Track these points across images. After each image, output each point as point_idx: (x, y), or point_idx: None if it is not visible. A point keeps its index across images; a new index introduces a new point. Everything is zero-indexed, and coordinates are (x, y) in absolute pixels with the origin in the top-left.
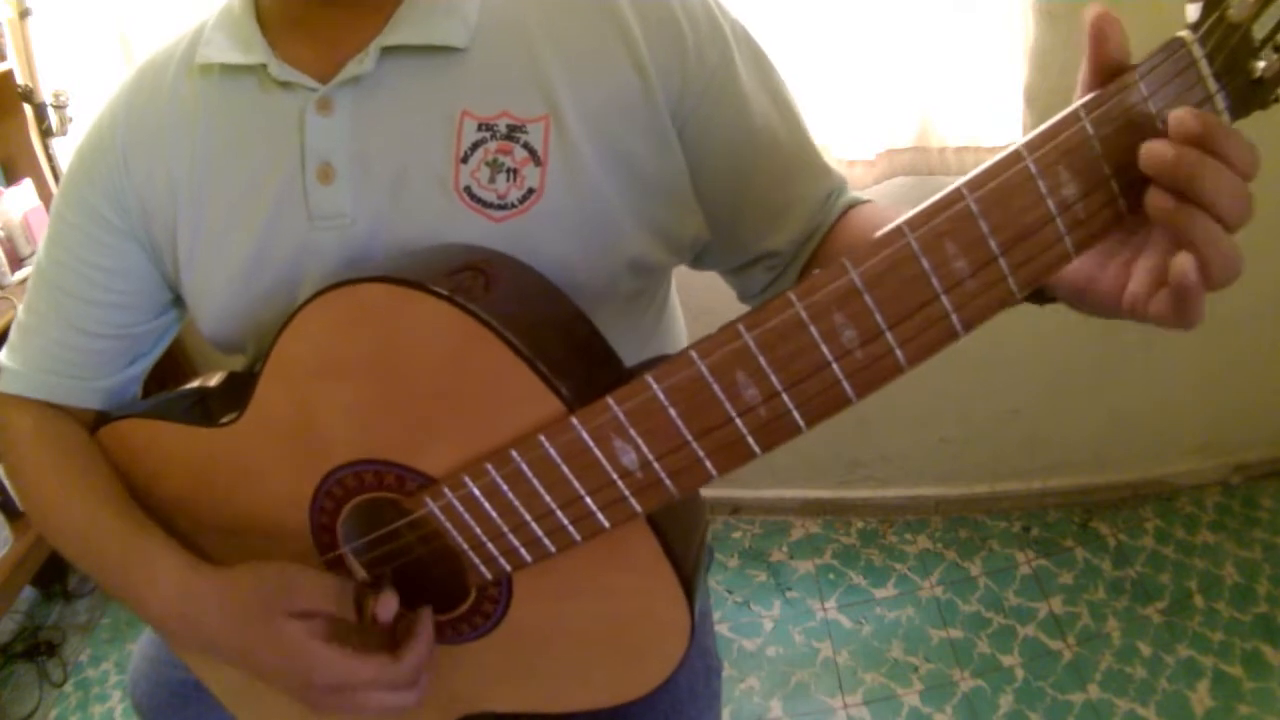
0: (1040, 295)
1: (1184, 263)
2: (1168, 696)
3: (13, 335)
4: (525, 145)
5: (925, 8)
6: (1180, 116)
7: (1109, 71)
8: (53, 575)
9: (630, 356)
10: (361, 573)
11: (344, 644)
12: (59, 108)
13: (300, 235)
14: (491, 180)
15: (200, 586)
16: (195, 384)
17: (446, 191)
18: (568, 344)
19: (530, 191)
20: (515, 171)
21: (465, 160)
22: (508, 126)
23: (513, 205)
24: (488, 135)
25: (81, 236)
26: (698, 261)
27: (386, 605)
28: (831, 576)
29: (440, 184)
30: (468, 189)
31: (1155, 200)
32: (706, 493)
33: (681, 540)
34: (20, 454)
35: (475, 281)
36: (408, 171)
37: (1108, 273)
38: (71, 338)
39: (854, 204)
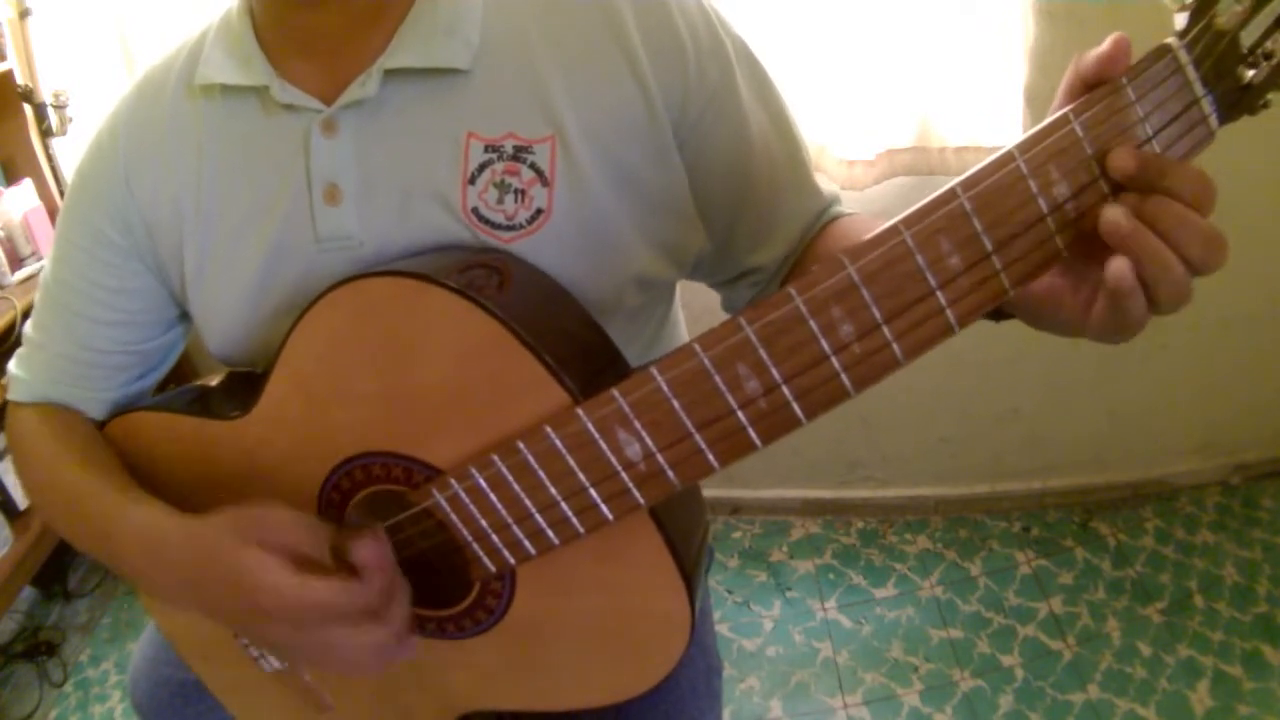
0: (998, 311)
1: (1121, 266)
2: (1168, 696)
3: (22, 350)
4: (532, 166)
5: (925, 8)
6: (1117, 159)
7: (1098, 83)
8: (53, 575)
9: (633, 365)
10: None
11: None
12: (59, 108)
13: (308, 256)
14: (499, 201)
15: (170, 523)
16: (198, 383)
17: (454, 213)
18: (575, 342)
19: (539, 212)
20: (523, 192)
21: (472, 182)
22: (514, 147)
23: (521, 226)
24: (494, 156)
25: (86, 257)
26: (690, 273)
27: (367, 548)
28: (831, 576)
29: (447, 205)
30: (475, 210)
31: (1110, 229)
32: (707, 493)
33: (683, 538)
34: (26, 441)
35: (488, 279)
36: (414, 193)
37: (1078, 296)
38: (80, 354)
39: (836, 217)
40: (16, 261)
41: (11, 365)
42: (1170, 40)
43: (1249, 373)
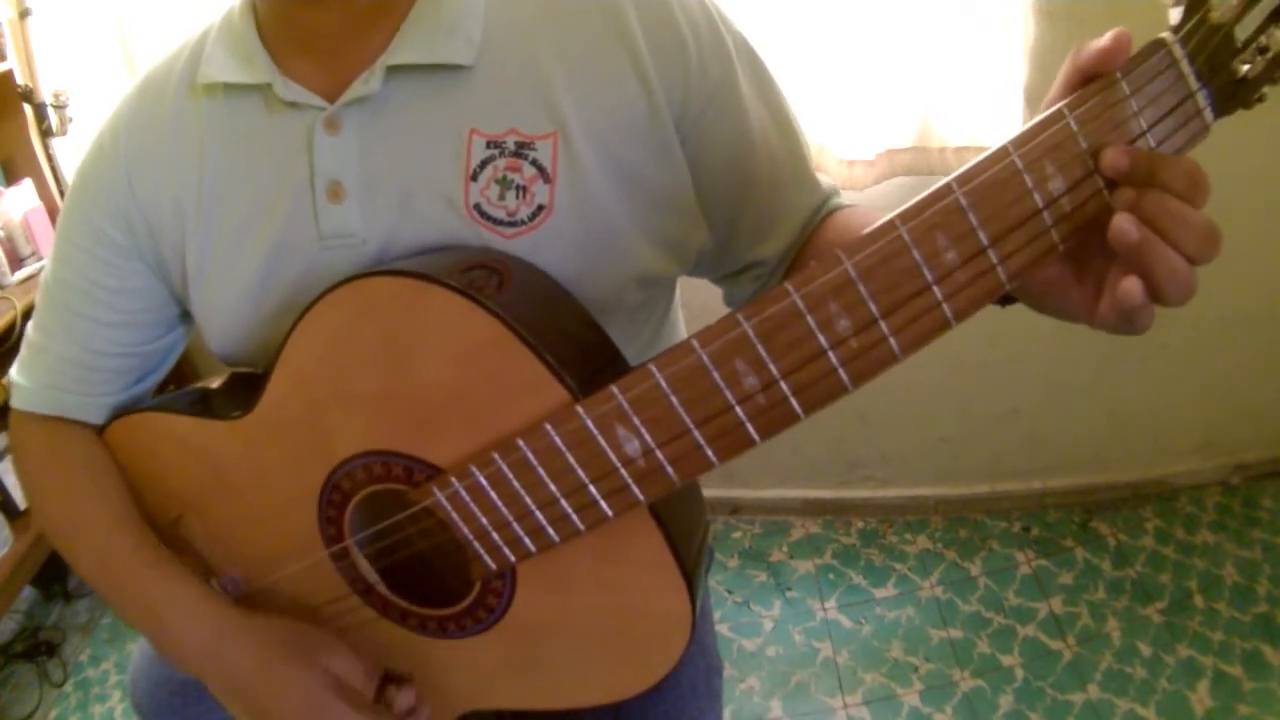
0: (1003, 296)
1: (1132, 287)
2: (1168, 696)
3: (23, 352)
4: (534, 162)
5: (925, 7)
6: (1109, 158)
7: (1096, 76)
8: (53, 575)
9: (633, 363)
10: (367, 565)
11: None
12: (59, 108)
13: (310, 254)
14: (501, 198)
15: (234, 627)
16: (200, 385)
17: (456, 209)
18: (575, 341)
19: (540, 208)
20: (525, 189)
21: (475, 178)
22: (516, 144)
23: (523, 222)
24: (496, 153)
25: (87, 257)
26: (691, 269)
27: (405, 697)
28: (831, 576)
29: (450, 202)
30: (478, 206)
31: (1119, 237)
32: (706, 492)
33: (684, 537)
34: (35, 476)
35: (488, 280)
36: (417, 190)
37: (1084, 287)
38: (82, 356)
39: (835, 209)
40: (16, 261)
41: (13, 371)
42: (1165, 35)
43: (1249, 373)
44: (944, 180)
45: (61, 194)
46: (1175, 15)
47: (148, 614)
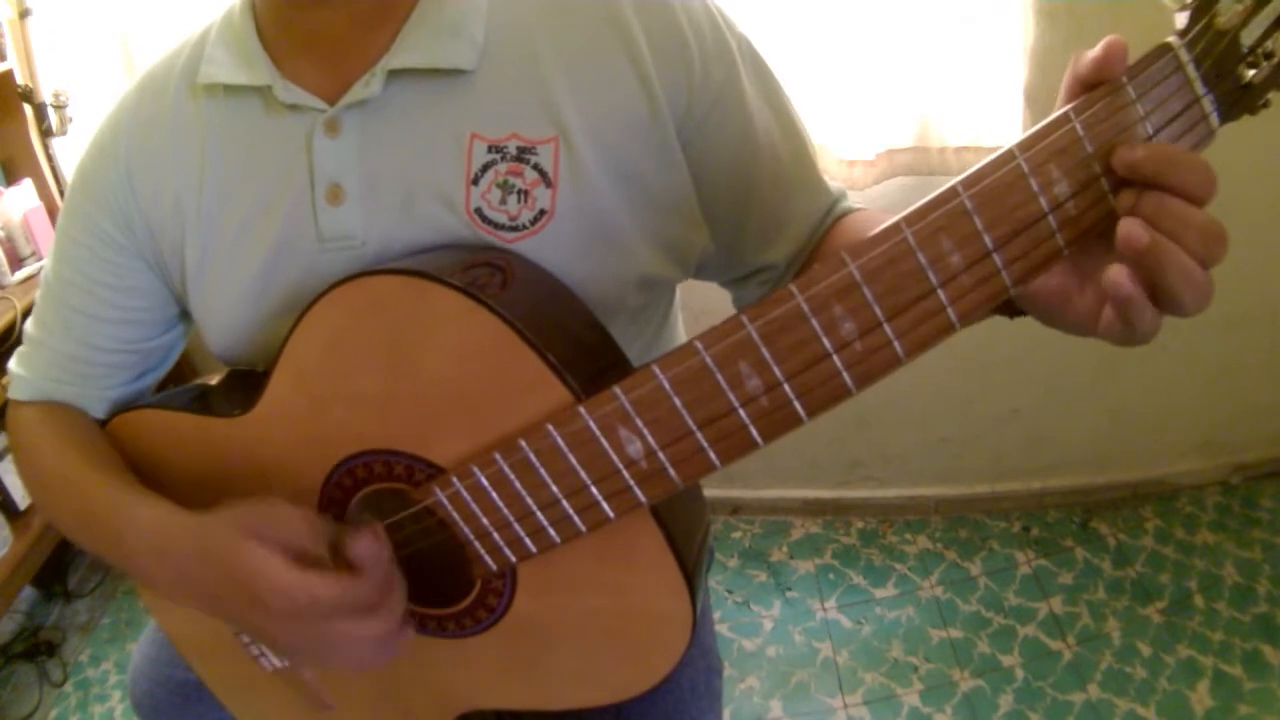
0: (1011, 308)
1: (1115, 274)
2: (1168, 696)
3: (23, 347)
4: (535, 167)
5: (925, 8)
6: (1122, 151)
7: (1096, 84)
8: (53, 575)
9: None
10: None
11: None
12: (59, 108)
13: (310, 257)
14: (503, 202)
15: (175, 518)
16: (199, 382)
17: (457, 213)
18: (578, 341)
19: (542, 213)
20: (526, 193)
21: (476, 182)
22: (518, 148)
23: (524, 226)
24: (498, 157)
25: (88, 254)
26: (697, 272)
27: (364, 543)
28: (831, 576)
29: (450, 206)
30: (479, 211)
31: (1128, 243)
32: (707, 492)
33: (684, 537)
34: (29, 438)
35: (491, 278)
36: (417, 194)
37: (1086, 296)
38: (81, 352)
39: (845, 214)
40: (16, 261)
41: (12, 363)
42: (1171, 39)
43: (1249, 373)
44: (950, 183)
45: (61, 194)
46: (1181, 20)
47: (109, 534)
